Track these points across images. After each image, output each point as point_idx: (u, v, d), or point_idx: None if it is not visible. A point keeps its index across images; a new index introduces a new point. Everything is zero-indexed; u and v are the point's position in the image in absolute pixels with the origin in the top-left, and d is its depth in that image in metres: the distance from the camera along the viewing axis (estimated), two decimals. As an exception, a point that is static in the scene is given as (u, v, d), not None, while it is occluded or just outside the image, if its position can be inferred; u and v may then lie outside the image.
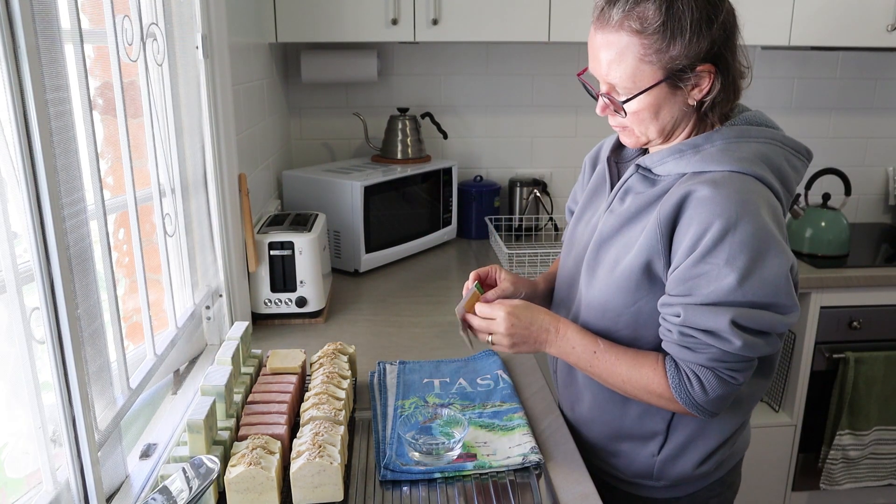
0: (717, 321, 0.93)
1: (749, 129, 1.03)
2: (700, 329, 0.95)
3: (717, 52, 0.98)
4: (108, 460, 0.98)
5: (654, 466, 1.13)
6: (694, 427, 1.10)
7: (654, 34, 0.95)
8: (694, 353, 0.97)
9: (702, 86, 0.99)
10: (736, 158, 0.98)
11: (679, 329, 0.97)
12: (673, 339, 0.99)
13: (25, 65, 0.75)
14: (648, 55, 0.96)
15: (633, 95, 0.99)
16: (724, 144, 1.01)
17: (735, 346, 0.93)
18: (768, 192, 0.98)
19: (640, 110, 1.01)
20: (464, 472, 1.05)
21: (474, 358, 1.43)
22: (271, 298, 1.64)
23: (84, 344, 0.89)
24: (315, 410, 1.07)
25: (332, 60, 2.22)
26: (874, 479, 2.21)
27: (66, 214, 0.85)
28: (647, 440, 1.12)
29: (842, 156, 2.62)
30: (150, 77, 1.19)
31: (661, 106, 1.00)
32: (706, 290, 0.93)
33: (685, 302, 0.96)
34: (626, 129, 1.06)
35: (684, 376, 0.99)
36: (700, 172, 1.00)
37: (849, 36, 2.13)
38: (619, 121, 1.05)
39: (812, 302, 2.07)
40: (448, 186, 2.26)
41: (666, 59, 0.96)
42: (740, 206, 0.92)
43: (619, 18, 0.96)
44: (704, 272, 0.94)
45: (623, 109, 1.02)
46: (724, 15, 0.98)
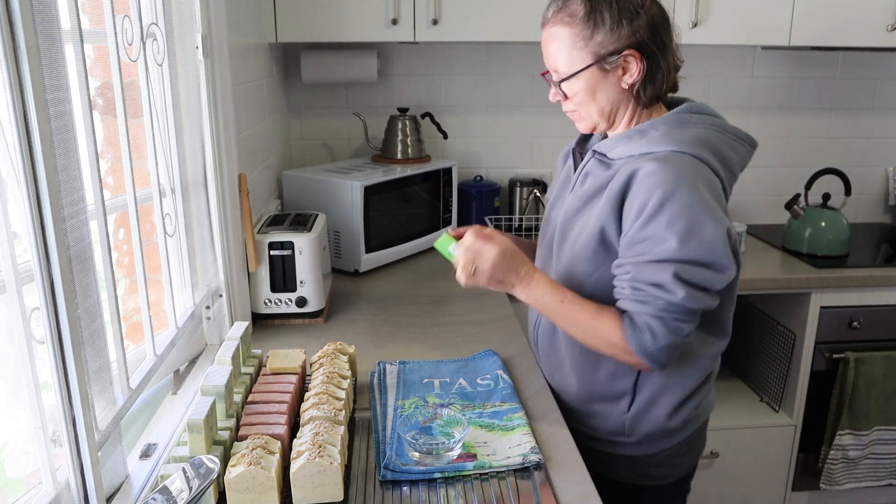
0: (662, 275, 1.06)
1: (690, 117, 1.16)
2: (648, 283, 1.08)
3: (640, 40, 1.12)
4: (108, 460, 0.98)
5: (625, 423, 1.24)
6: (657, 384, 1.21)
7: (579, 24, 1.13)
8: (644, 304, 1.09)
9: (631, 70, 1.13)
10: (677, 140, 1.12)
11: (630, 284, 1.10)
12: (626, 294, 1.11)
13: (25, 65, 0.75)
14: (578, 42, 1.14)
15: (568, 76, 1.16)
16: (666, 130, 1.14)
17: (679, 297, 1.06)
18: (706, 169, 1.11)
19: (578, 92, 1.17)
20: (464, 472, 1.05)
21: (474, 358, 1.43)
22: (271, 298, 1.64)
23: (84, 344, 0.89)
24: (315, 410, 1.07)
25: (332, 60, 2.22)
26: (874, 479, 2.21)
27: (66, 214, 0.85)
28: (618, 399, 1.24)
29: (842, 156, 2.63)
30: (150, 77, 1.19)
31: (596, 88, 1.16)
32: (652, 251, 1.07)
33: (634, 261, 1.09)
34: (576, 114, 1.22)
35: (637, 327, 1.10)
36: (646, 154, 1.13)
37: (849, 36, 2.13)
38: (568, 106, 1.22)
39: (812, 302, 2.07)
40: (448, 186, 2.26)
41: (592, 45, 1.13)
42: (678, 178, 1.06)
43: (554, 13, 1.16)
44: (649, 236, 1.07)
45: (564, 92, 1.19)
46: (647, 10, 1.12)
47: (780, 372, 2.21)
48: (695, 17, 2.07)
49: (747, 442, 2.18)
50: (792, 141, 2.61)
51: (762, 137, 2.59)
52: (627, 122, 1.20)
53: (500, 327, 1.60)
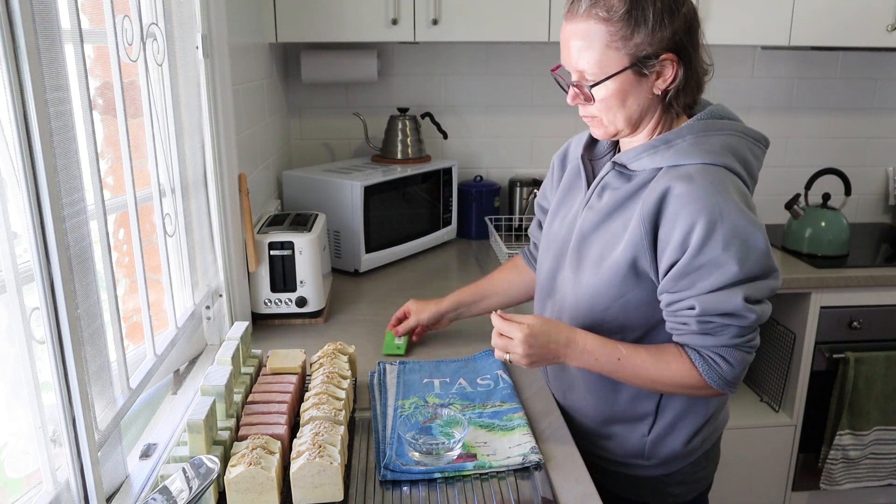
0: (732, 302, 1.00)
1: (715, 123, 1.09)
2: (718, 314, 1.02)
3: (679, 43, 1.04)
4: (108, 460, 0.98)
5: (645, 446, 1.19)
6: (681, 406, 1.16)
7: (619, 21, 1.01)
8: (715, 336, 1.04)
9: (665, 75, 1.05)
10: (706, 151, 1.05)
11: (697, 319, 1.03)
12: (691, 329, 1.05)
13: (25, 65, 0.75)
14: (615, 41, 1.02)
15: (601, 80, 1.04)
16: (693, 139, 1.07)
17: (751, 320, 1.01)
18: (737, 180, 1.06)
19: (607, 97, 1.06)
20: (464, 472, 1.05)
21: (474, 358, 1.43)
22: (271, 298, 1.64)
23: (84, 344, 0.89)
24: (315, 410, 1.07)
25: (332, 60, 2.22)
26: (874, 479, 2.21)
27: (66, 214, 0.85)
28: (638, 422, 1.18)
29: (842, 156, 2.63)
30: (150, 77, 1.19)
31: (627, 93, 1.06)
32: (713, 279, 1.01)
33: (696, 293, 1.02)
34: (595, 120, 1.11)
35: (711, 362, 1.05)
36: (674, 166, 1.06)
37: (849, 36, 2.13)
38: (589, 110, 1.10)
39: (812, 302, 2.07)
40: (448, 186, 2.26)
41: (631, 46, 1.02)
42: (719, 196, 1.00)
43: (587, 7, 1.03)
44: (705, 263, 1.00)
45: (591, 97, 1.07)
46: (686, 9, 1.05)
47: (780, 372, 2.21)
48: (695, 17, 2.06)
49: (747, 442, 2.18)
50: (792, 141, 2.61)
51: (762, 137, 2.59)
52: (651, 130, 1.11)
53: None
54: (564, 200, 1.25)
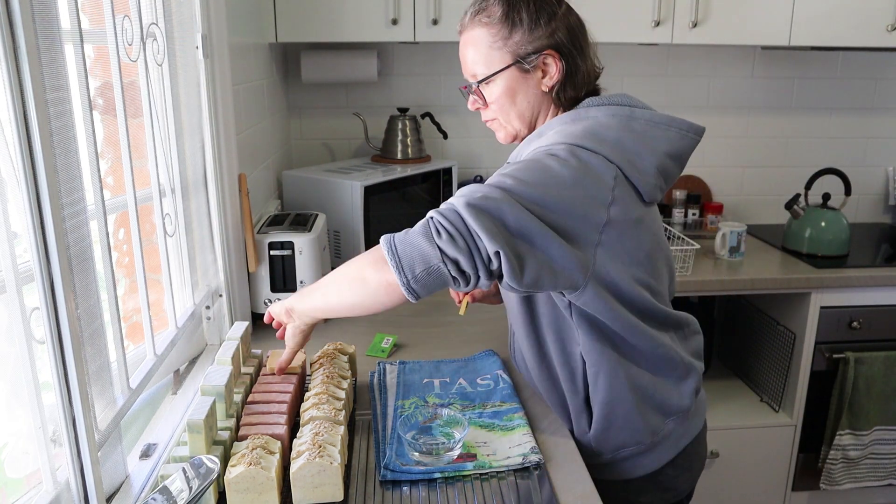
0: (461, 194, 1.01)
1: (587, 111, 1.13)
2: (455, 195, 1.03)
3: (559, 42, 1.12)
4: (108, 460, 0.98)
5: (591, 442, 1.18)
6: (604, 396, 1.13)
7: (497, 23, 1.12)
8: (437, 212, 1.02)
9: (550, 72, 1.13)
10: (566, 134, 1.08)
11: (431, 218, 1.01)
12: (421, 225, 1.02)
13: (25, 65, 0.75)
14: (496, 42, 1.13)
15: (487, 77, 1.14)
16: (559, 127, 1.13)
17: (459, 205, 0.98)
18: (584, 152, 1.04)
19: (499, 96, 1.15)
20: (464, 472, 1.05)
21: (474, 358, 1.43)
22: (271, 298, 1.64)
23: (84, 344, 0.89)
24: (315, 410, 1.07)
25: (332, 60, 2.22)
26: (874, 479, 2.21)
27: (66, 214, 0.85)
28: (578, 417, 1.18)
29: (842, 156, 2.63)
30: (150, 77, 1.19)
31: (515, 91, 1.14)
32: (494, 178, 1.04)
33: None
34: (495, 122, 1.20)
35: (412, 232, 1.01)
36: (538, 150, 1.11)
37: (849, 36, 2.13)
38: (488, 114, 1.19)
39: (812, 302, 2.07)
40: (448, 186, 2.26)
41: (511, 45, 1.12)
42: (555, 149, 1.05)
43: (471, 17, 1.15)
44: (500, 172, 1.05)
45: (483, 96, 1.16)
46: (563, 12, 1.13)
47: (780, 372, 2.21)
48: (695, 17, 2.07)
49: (747, 442, 2.18)
50: (792, 141, 2.61)
51: (762, 137, 2.59)
52: None
53: (501, 327, 1.60)
54: None
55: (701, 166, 2.57)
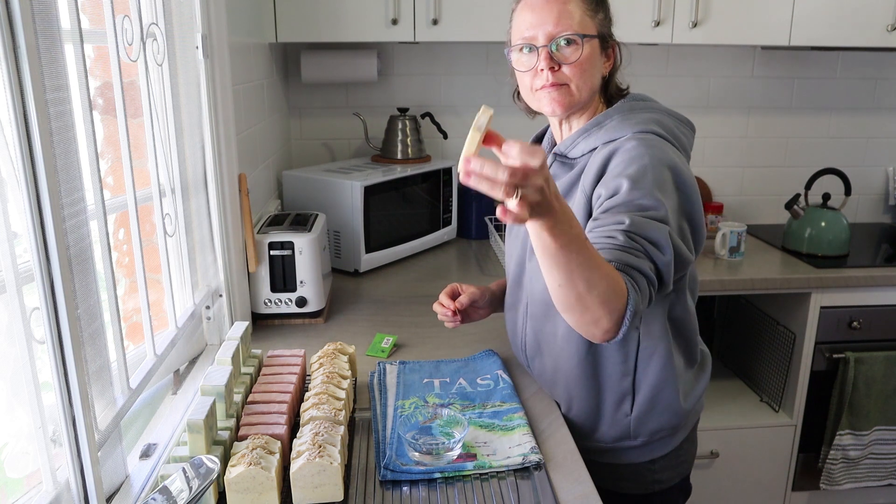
0: (660, 231, 1.00)
1: (637, 104, 1.19)
2: (643, 235, 1.00)
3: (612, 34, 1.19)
4: (108, 460, 0.98)
5: (630, 426, 1.22)
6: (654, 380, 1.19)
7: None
8: (639, 259, 0.98)
9: (612, 59, 1.19)
10: (634, 123, 1.14)
11: (626, 233, 1.00)
12: (618, 242, 0.99)
13: (25, 65, 0.75)
14: (589, 11, 1.15)
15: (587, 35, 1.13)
16: (620, 117, 1.17)
17: (666, 259, 1.00)
18: (669, 145, 1.13)
19: (584, 59, 1.14)
20: (464, 472, 1.05)
21: (474, 358, 1.43)
22: (271, 298, 1.64)
23: (84, 344, 0.89)
24: (315, 410, 1.07)
25: (332, 60, 2.23)
26: (874, 479, 2.21)
27: (66, 214, 0.85)
28: (620, 402, 1.22)
29: (842, 156, 2.63)
30: (150, 77, 1.19)
31: (594, 63, 1.16)
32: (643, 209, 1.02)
33: (627, 212, 1.02)
34: (563, 88, 1.15)
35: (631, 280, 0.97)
36: (609, 142, 1.14)
37: (849, 36, 2.13)
38: (561, 76, 1.14)
39: (812, 302, 2.07)
40: (448, 186, 2.26)
41: (598, 21, 1.16)
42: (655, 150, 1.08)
43: None
44: (635, 198, 1.02)
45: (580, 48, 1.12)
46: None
47: (780, 372, 2.21)
48: (695, 17, 2.07)
49: (747, 442, 2.18)
50: (792, 141, 2.61)
51: (762, 137, 2.59)
52: (591, 114, 1.21)
53: (500, 327, 1.60)
54: None
55: (701, 166, 2.57)
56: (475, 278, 1.98)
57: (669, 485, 1.29)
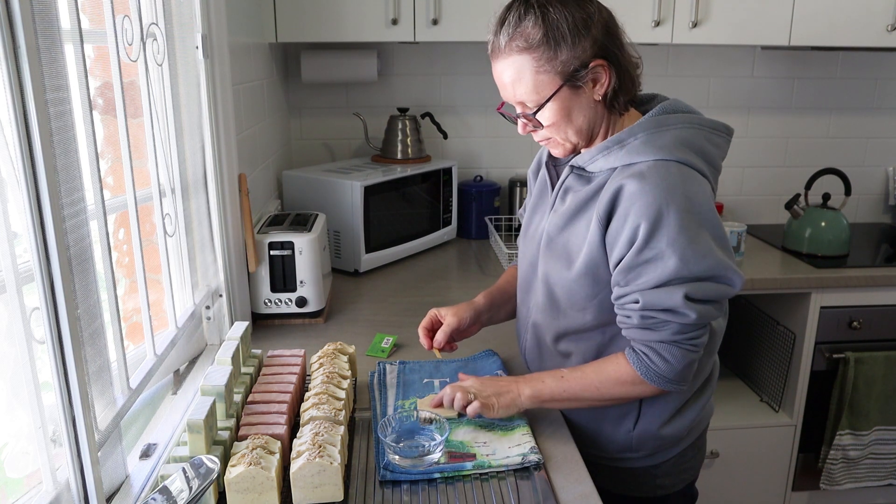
0: (673, 299, 1.02)
1: (667, 118, 1.10)
2: (659, 309, 1.04)
3: (602, 47, 1.06)
4: (108, 460, 0.98)
5: (632, 441, 1.21)
6: (659, 399, 1.18)
7: (539, 47, 1.04)
8: (655, 332, 1.06)
9: (601, 80, 1.07)
10: (658, 147, 1.06)
11: (640, 313, 1.05)
12: (633, 323, 1.07)
13: (25, 65, 0.75)
14: (542, 66, 1.05)
15: (541, 105, 1.08)
16: (645, 136, 1.08)
17: (691, 319, 1.03)
18: (693, 173, 1.06)
19: (554, 118, 1.09)
20: (463, 472, 1.05)
21: (474, 358, 1.43)
22: (271, 298, 1.64)
23: (84, 344, 0.89)
24: (315, 410, 1.07)
25: (332, 60, 2.22)
26: (874, 479, 2.21)
27: (66, 214, 0.85)
28: (622, 418, 1.20)
29: (842, 156, 2.63)
30: (150, 77, 1.19)
31: (570, 109, 1.09)
32: (655, 275, 1.03)
33: (640, 288, 1.04)
34: (551, 141, 1.15)
35: (643, 356, 1.07)
36: (628, 165, 1.08)
37: (849, 36, 2.13)
38: (542, 134, 1.14)
39: (812, 302, 2.07)
40: (448, 186, 2.26)
41: (558, 65, 1.05)
42: (668, 193, 1.02)
43: (506, 43, 1.07)
44: (649, 258, 1.03)
45: (539, 123, 1.11)
46: (598, 14, 1.07)
47: (780, 372, 2.21)
48: (695, 17, 2.07)
49: (747, 442, 2.18)
50: (792, 141, 2.61)
51: (762, 137, 2.59)
52: (604, 134, 1.14)
53: (500, 327, 1.60)
54: (535, 210, 1.28)
55: (701, 166, 2.57)
56: (475, 278, 1.98)
57: (673, 490, 1.28)
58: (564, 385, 1.13)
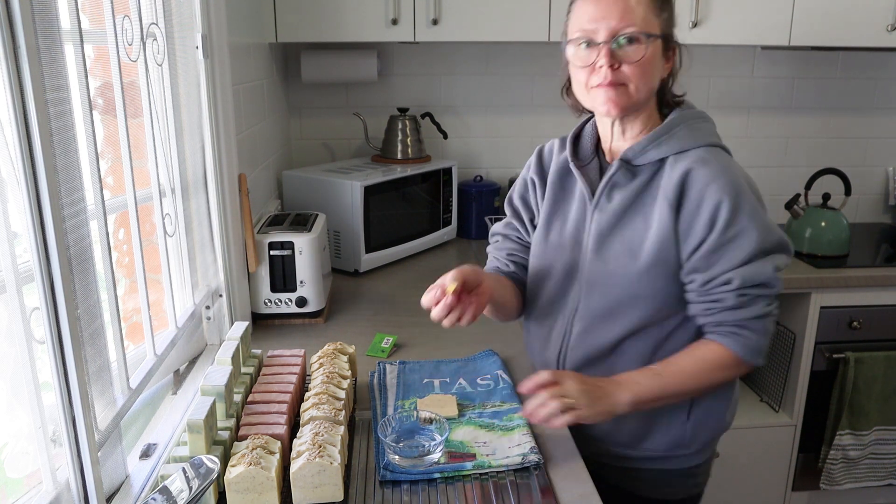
0: (766, 272, 1.06)
1: (693, 110, 1.16)
2: (753, 285, 1.06)
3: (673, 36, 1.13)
4: (108, 460, 0.98)
5: (686, 432, 1.19)
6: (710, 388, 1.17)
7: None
8: (748, 308, 1.08)
9: (671, 62, 1.13)
10: (702, 136, 1.13)
11: (736, 293, 1.07)
12: (726, 305, 1.08)
13: (25, 65, 0.75)
14: (654, 9, 1.09)
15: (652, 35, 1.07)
16: (687, 126, 1.13)
17: (778, 288, 1.08)
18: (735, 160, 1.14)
19: (646, 59, 1.08)
20: (463, 472, 1.05)
21: (474, 358, 1.43)
22: (271, 298, 1.64)
23: (84, 344, 0.89)
24: (315, 410, 1.07)
25: (332, 60, 2.22)
26: (874, 479, 2.21)
27: (66, 214, 0.85)
28: (677, 410, 1.18)
29: (842, 156, 2.62)
30: (150, 77, 1.19)
31: (654, 64, 1.10)
32: (745, 250, 1.06)
33: (731, 266, 1.07)
34: (621, 88, 1.08)
35: (740, 336, 1.08)
36: (680, 153, 1.11)
37: (849, 36, 2.13)
38: (620, 75, 1.07)
39: (812, 302, 2.07)
40: (448, 186, 2.26)
41: (662, 20, 1.10)
42: (734, 175, 1.08)
43: None
44: (734, 235, 1.06)
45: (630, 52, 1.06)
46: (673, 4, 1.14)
47: (780, 372, 2.21)
48: (695, 17, 2.07)
49: (747, 442, 2.18)
50: (792, 141, 2.61)
51: (762, 137, 2.59)
52: (646, 116, 1.14)
53: (500, 327, 1.60)
54: (556, 212, 1.23)
55: (701, 166, 2.57)
56: (475, 278, 1.98)
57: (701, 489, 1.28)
58: (663, 382, 1.09)
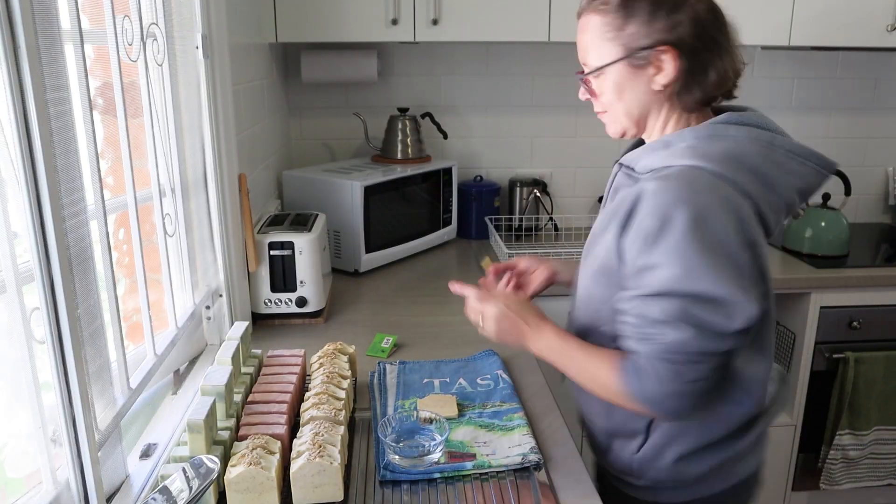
0: (666, 311, 0.93)
1: (727, 129, 1.02)
2: (652, 319, 0.94)
3: (681, 37, 1.00)
4: (108, 460, 0.98)
5: (633, 464, 1.13)
6: (670, 429, 1.08)
7: (613, 12, 1.02)
8: (647, 343, 0.95)
9: (665, 70, 1.01)
10: (700, 155, 0.98)
11: (633, 323, 0.97)
12: (630, 332, 0.98)
13: (25, 65, 0.75)
14: (608, 31, 1.03)
15: (595, 69, 1.05)
16: (693, 142, 1.01)
17: (683, 337, 0.92)
18: (727, 188, 0.96)
19: (606, 90, 1.06)
20: (463, 472, 1.05)
21: (474, 358, 1.43)
22: (271, 298, 1.64)
23: (84, 344, 0.89)
24: (315, 410, 1.07)
25: (332, 60, 2.22)
26: (874, 479, 2.21)
27: (66, 214, 0.85)
28: (630, 438, 1.12)
29: (842, 156, 2.62)
30: (150, 77, 1.19)
31: (623, 87, 1.04)
32: (653, 282, 0.94)
33: (639, 293, 0.96)
34: (606, 115, 1.11)
35: (637, 371, 0.96)
36: (664, 167, 1.01)
37: (849, 36, 2.13)
38: (597, 106, 1.11)
39: (812, 302, 2.07)
40: (448, 186, 2.26)
41: (624, 37, 1.01)
42: (682, 197, 0.93)
43: (588, 2, 1.06)
44: (652, 264, 0.94)
45: (592, 89, 1.08)
46: (692, 4, 1.01)
47: (780, 372, 2.21)
48: (695, 17, 2.06)
49: (747, 442, 2.18)
50: (792, 141, 2.61)
51: (762, 137, 2.59)
52: (661, 128, 1.07)
53: (500, 327, 1.60)
54: None
55: (701, 166, 2.57)
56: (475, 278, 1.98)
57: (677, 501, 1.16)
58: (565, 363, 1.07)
